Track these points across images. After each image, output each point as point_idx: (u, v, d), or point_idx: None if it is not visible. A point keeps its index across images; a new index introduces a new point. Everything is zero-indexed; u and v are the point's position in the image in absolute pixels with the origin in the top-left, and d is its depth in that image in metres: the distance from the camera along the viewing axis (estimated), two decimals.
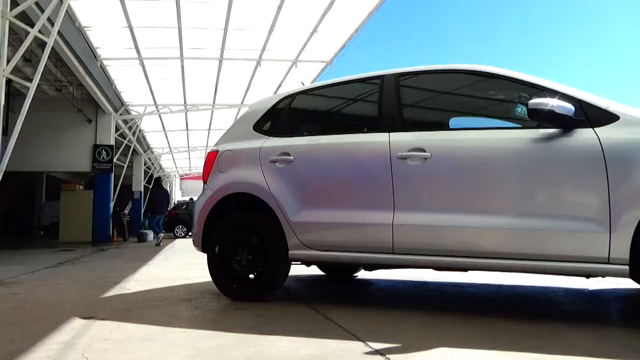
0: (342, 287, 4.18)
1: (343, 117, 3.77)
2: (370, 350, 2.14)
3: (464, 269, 3.00)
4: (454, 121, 3.22)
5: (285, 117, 3.66)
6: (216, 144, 3.90)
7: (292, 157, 3.33)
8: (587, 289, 3.78)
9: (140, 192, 21.38)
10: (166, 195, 12.94)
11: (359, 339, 2.31)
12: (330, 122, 3.81)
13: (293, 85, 12.68)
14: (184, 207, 20.07)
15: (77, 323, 2.78)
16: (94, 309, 3.20)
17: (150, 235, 15.66)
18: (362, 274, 4.78)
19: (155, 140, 21.37)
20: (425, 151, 2.87)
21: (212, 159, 3.77)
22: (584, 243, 2.45)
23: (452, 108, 3.39)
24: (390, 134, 3.03)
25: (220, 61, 11.73)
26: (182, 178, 37.20)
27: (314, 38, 10.73)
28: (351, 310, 3.02)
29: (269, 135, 3.58)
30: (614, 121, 2.50)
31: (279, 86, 13.86)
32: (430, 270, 3.19)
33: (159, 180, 13.37)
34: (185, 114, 16.17)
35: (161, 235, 12.32)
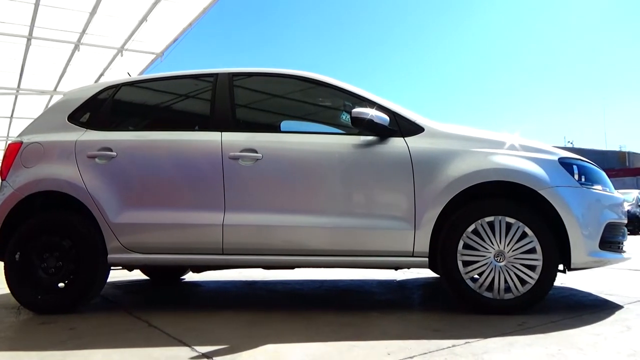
0: (167, 291, 3.99)
1: (173, 114, 3.60)
2: (196, 354, 2.08)
3: (292, 266, 3.12)
4: (285, 124, 3.33)
5: (107, 109, 3.34)
6: (20, 135, 3.37)
7: (115, 153, 3.06)
8: (395, 280, 4.26)
9: None
10: None
11: (185, 344, 2.23)
12: (159, 117, 3.60)
13: (118, 75, 11.73)
14: None
15: None
16: None
17: None
18: (189, 277, 4.63)
19: None
20: (257, 152, 2.91)
21: (14, 152, 3.25)
22: (395, 239, 2.77)
23: (284, 111, 3.50)
24: (223, 133, 3.01)
25: (29, 40, 10.22)
26: None
27: (144, 27, 10.08)
28: (177, 315, 2.90)
29: (87, 128, 3.23)
30: (420, 132, 2.89)
31: (102, 75, 12.67)
32: (259, 270, 3.25)
33: None
34: None
35: None
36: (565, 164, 2.81)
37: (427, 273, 4.43)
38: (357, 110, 2.83)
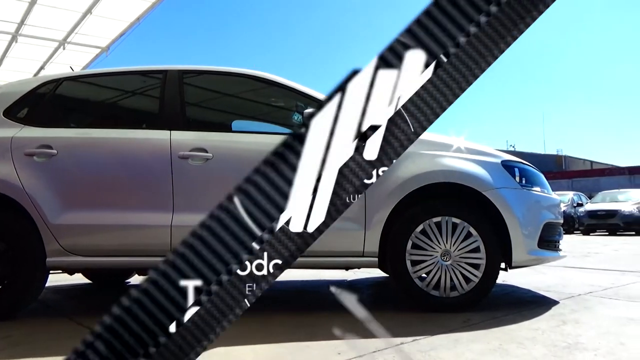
0: (112, 295, 3.84)
1: (119, 111, 3.48)
2: None
3: None
4: (236, 124, 3.29)
5: (47, 104, 3.18)
6: None
7: (55, 151, 2.91)
8: (346, 280, 4.31)
9: None
10: None
11: None
12: (103, 114, 3.47)
13: (60, 69, 11.17)
14: None
15: None
16: None
17: None
18: (135, 280, 4.48)
19: None
20: (207, 152, 2.86)
21: None
22: (346, 240, 2.80)
23: (235, 111, 3.47)
24: (172, 132, 2.93)
25: None
26: None
27: (89, 20, 9.65)
28: None
29: (25, 124, 3.05)
30: None
31: (42, 68, 12.02)
32: None
33: None
34: None
35: None
36: (507, 166, 2.94)
37: (377, 273, 4.51)
38: (310, 110, 2.84)
